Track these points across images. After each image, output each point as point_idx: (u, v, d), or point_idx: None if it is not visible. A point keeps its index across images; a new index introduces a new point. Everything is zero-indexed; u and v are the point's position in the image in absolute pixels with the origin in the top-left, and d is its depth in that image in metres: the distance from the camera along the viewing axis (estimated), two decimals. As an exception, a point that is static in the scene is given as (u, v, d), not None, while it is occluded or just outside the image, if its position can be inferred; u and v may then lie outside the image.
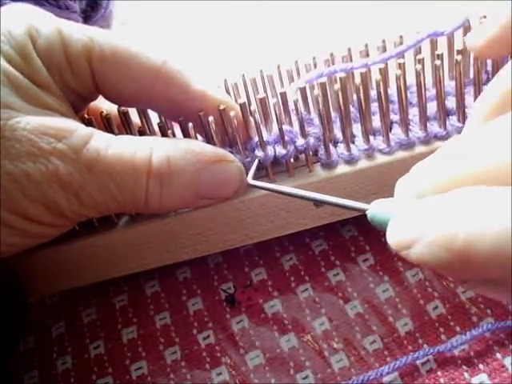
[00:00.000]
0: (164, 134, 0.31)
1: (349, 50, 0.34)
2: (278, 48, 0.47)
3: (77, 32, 0.28)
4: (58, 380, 0.33)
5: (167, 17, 0.54)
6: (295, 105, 0.29)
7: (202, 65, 0.46)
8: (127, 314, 0.35)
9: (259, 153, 0.31)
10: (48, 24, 0.28)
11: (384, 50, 0.33)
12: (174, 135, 0.33)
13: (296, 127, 0.31)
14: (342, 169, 0.31)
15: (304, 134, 0.30)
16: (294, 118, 0.30)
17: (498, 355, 0.29)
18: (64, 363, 0.34)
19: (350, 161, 0.31)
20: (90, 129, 0.27)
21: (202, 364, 0.32)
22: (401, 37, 0.33)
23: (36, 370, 0.34)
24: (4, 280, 0.32)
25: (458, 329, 0.31)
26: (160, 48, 0.31)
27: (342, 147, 0.31)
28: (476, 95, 0.30)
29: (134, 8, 0.54)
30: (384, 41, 0.33)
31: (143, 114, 0.33)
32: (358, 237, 0.36)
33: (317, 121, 0.31)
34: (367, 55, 0.33)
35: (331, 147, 0.31)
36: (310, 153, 0.31)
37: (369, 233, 0.36)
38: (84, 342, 0.35)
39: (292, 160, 0.31)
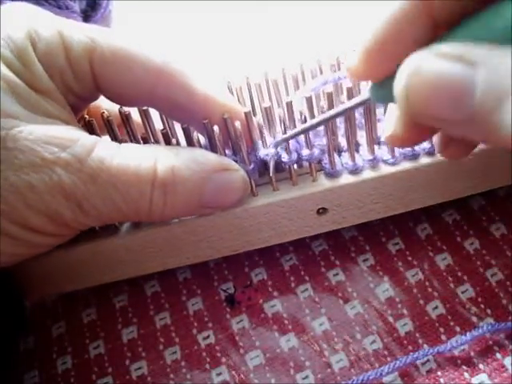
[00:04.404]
0: (167, 142, 0.31)
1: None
2: (282, 52, 0.46)
3: (78, 33, 0.28)
4: (58, 380, 0.33)
5: (168, 17, 0.54)
6: (301, 115, 0.29)
7: (205, 67, 0.46)
8: (127, 314, 0.35)
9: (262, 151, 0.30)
10: (49, 26, 0.27)
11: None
12: (177, 143, 0.32)
13: (301, 136, 0.30)
14: (346, 179, 0.31)
15: (309, 145, 0.30)
16: (298, 125, 0.30)
17: (498, 355, 0.30)
18: (64, 363, 0.34)
19: (354, 171, 0.31)
20: (93, 137, 0.27)
21: (201, 364, 0.32)
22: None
23: (36, 370, 0.34)
24: (4, 281, 0.32)
25: (457, 329, 0.31)
26: (160, 49, 0.31)
27: (346, 157, 0.31)
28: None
29: (133, 8, 0.54)
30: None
31: (144, 114, 0.33)
32: (357, 237, 0.36)
33: (322, 131, 0.31)
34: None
35: (336, 156, 0.31)
36: (315, 161, 0.31)
37: (369, 233, 0.36)
38: (84, 342, 0.35)
39: (296, 167, 0.31)
